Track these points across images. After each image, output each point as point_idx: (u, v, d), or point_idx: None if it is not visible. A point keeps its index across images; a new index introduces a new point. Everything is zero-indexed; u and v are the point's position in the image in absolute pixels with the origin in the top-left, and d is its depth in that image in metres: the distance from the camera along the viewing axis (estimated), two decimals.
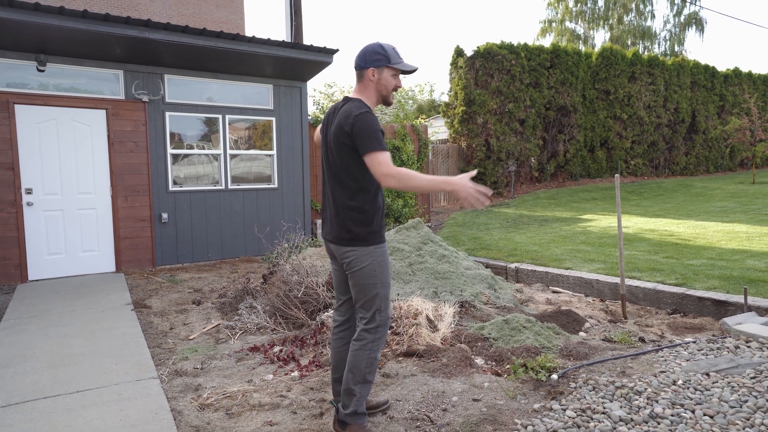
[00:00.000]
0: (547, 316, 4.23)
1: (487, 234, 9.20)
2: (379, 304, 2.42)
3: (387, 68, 2.40)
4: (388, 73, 2.41)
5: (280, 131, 7.99)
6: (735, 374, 3.03)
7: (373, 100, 2.45)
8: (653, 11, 33.54)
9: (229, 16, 12.58)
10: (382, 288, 2.42)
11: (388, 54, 2.40)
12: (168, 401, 2.92)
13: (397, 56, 2.43)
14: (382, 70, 2.40)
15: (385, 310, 2.45)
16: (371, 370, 2.43)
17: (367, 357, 2.41)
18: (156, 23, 5.98)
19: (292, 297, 4.30)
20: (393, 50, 2.43)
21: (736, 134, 17.58)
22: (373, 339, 2.43)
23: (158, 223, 7.03)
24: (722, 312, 4.41)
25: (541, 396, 2.84)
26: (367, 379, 2.42)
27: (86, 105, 6.50)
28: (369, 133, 2.24)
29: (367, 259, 2.39)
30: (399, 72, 2.44)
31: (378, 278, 2.41)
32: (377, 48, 2.40)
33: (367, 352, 2.41)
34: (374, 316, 2.43)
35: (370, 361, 2.42)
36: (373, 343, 2.43)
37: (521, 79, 15.58)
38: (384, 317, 2.44)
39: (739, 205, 11.42)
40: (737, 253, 6.25)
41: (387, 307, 2.46)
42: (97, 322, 4.51)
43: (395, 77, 2.44)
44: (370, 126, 2.25)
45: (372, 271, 2.40)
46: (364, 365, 2.41)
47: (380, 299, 2.42)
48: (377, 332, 2.44)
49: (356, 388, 2.41)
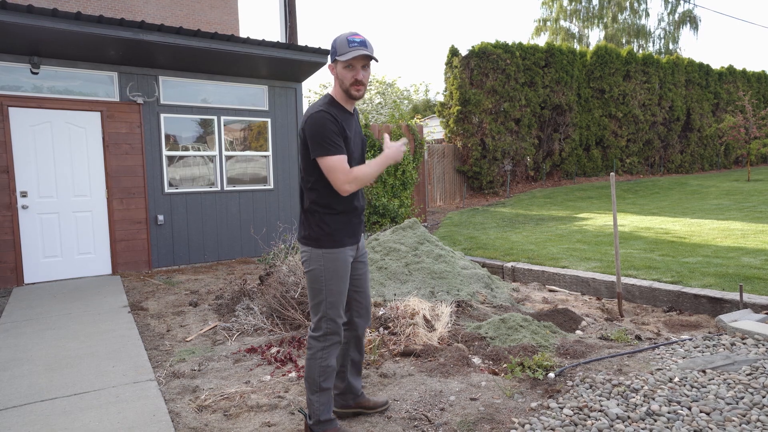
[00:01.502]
0: (543, 315, 4.24)
1: (484, 233, 9.21)
2: (325, 311, 2.33)
3: (338, 62, 2.28)
4: (341, 66, 2.28)
5: (276, 132, 7.98)
6: (731, 371, 3.04)
7: (339, 95, 2.35)
8: (647, 9, 33.73)
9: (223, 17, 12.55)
10: (328, 295, 2.32)
11: (336, 46, 2.28)
12: (166, 403, 2.91)
13: (345, 46, 2.23)
14: (336, 65, 2.30)
15: (332, 320, 2.34)
16: (326, 378, 2.35)
17: (318, 366, 2.34)
18: (150, 25, 5.97)
19: (288, 298, 4.30)
20: (343, 40, 2.25)
21: (730, 132, 17.66)
22: (321, 347, 2.35)
23: (154, 225, 7.01)
24: (718, 309, 4.43)
25: (539, 394, 2.85)
26: (322, 387, 2.35)
27: (81, 107, 6.47)
28: (320, 137, 2.19)
29: (314, 262, 2.32)
30: (349, 63, 2.26)
31: (324, 284, 2.31)
32: (334, 42, 2.30)
33: (317, 361, 2.34)
34: (319, 323, 2.35)
35: (322, 369, 2.34)
36: (322, 352, 2.35)
37: (516, 78, 15.62)
38: (332, 326, 2.34)
39: (735, 203, 11.47)
40: (733, 251, 6.28)
41: (336, 315, 2.35)
42: (94, 324, 4.50)
43: (350, 69, 2.27)
44: (320, 127, 2.19)
45: (318, 275, 2.32)
46: (316, 374, 2.34)
47: (326, 306, 2.33)
48: (325, 340, 2.35)
49: (314, 397, 2.36)
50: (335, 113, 2.28)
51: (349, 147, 2.33)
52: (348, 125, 2.35)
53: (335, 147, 2.21)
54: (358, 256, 2.51)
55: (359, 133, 2.48)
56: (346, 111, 2.37)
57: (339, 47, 2.26)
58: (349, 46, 2.23)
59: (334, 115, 2.27)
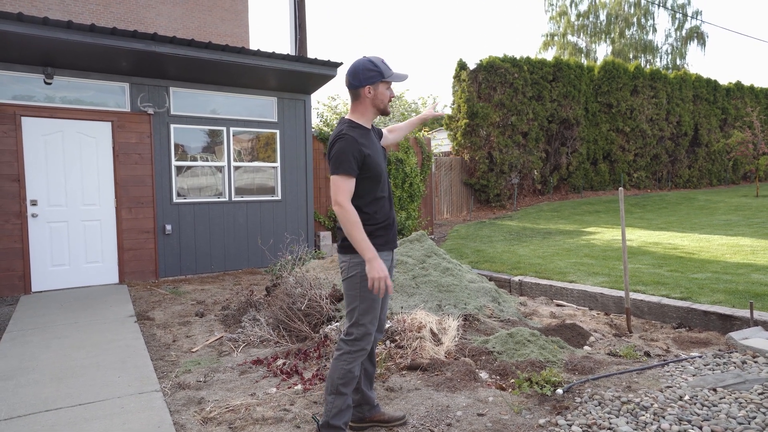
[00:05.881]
0: (551, 330, 4.20)
1: (491, 246, 9.18)
2: (358, 317, 2.41)
3: (381, 83, 2.44)
4: (383, 87, 2.45)
5: (284, 143, 8.03)
6: (742, 390, 3.00)
7: (369, 116, 2.49)
8: (654, 25, 33.77)
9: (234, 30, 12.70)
10: (362, 302, 2.40)
11: (380, 69, 2.43)
12: (171, 415, 2.90)
13: (388, 69, 2.46)
14: (377, 86, 2.43)
15: (363, 325, 2.42)
16: (345, 383, 2.40)
17: (341, 368, 2.41)
18: (162, 37, 6.05)
19: (295, 309, 4.29)
20: (383, 63, 2.46)
21: (738, 147, 17.58)
22: (348, 350, 2.42)
23: (162, 234, 7.04)
24: (728, 326, 4.38)
25: (547, 411, 2.82)
26: (340, 391, 2.41)
27: (92, 117, 6.55)
28: (337, 157, 2.33)
29: (353, 269, 2.41)
30: (390, 83, 2.48)
31: (359, 290, 2.40)
32: (368, 65, 2.42)
33: (341, 363, 2.41)
34: (351, 328, 2.43)
35: (344, 373, 2.40)
36: (349, 355, 2.41)
37: (524, 92, 15.66)
38: (361, 332, 2.42)
39: (743, 219, 11.38)
40: (742, 267, 6.21)
41: (368, 322, 2.42)
42: (100, 334, 4.50)
43: (389, 89, 2.48)
44: (340, 150, 2.33)
45: (355, 282, 2.41)
46: (337, 376, 2.40)
47: (358, 313, 2.41)
48: (354, 345, 2.42)
49: (329, 398, 2.42)
50: (358, 135, 2.40)
51: (373, 161, 2.42)
52: (369, 141, 2.46)
53: (350, 169, 2.34)
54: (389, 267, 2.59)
55: (379, 146, 2.58)
56: (366, 129, 2.50)
57: (385, 71, 2.44)
58: (392, 70, 2.46)
59: (356, 136, 2.38)
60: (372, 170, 2.40)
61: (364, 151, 2.37)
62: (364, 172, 2.39)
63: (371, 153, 2.41)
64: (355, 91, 2.46)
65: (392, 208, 2.59)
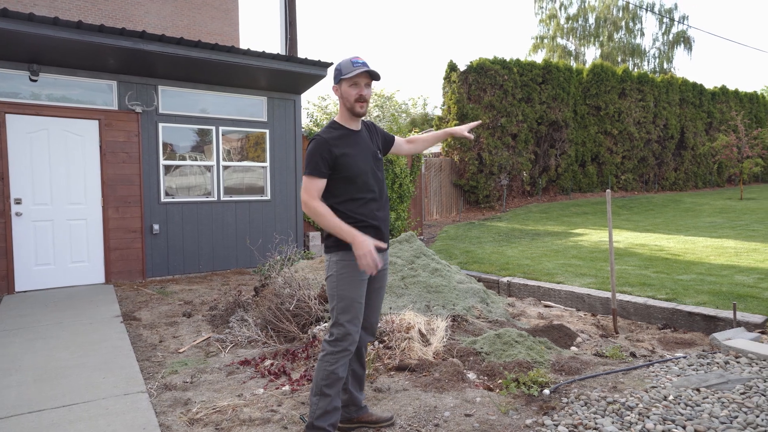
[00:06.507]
0: (539, 331, 4.23)
1: (480, 247, 9.22)
2: (336, 316, 2.42)
3: (343, 81, 2.45)
4: (346, 85, 2.45)
5: (274, 143, 8.00)
6: (725, 390, 3.04)
7: (345, 115, 2.51)
8: (642, 29, 34.17)
9: (224, 28, 12.64)
10: (339, 300, 2.41)
11: (341, 68, 2.46)
12: (156, 416, 2.88)
13: (350, 66, 2.42)
14: (341, 84, 2.47)
15: (342, 325, 2.40)
16: (329, 384, 2.39)
17: (324, 369, 2.40)
18: (151, 35, 6.00)
19: (283, 310, 4.27)
20: (348, 62, 2.44)
21: (723, 151, 17.84)
22: (330, 351, 2.41)
23: (149, 234, 6.98)
24: (712, 327, 4.44)
25: (533, 411, 2.84)
26: (323, 392, 2.40)
27: (78, 115, 6.47)
28: (307, 158, 2.42)
29: (331, 268, 2.45)
30: (353, 81, 2.42)
31: (336, 289, 2.42)
32: (336, 66, 2.49)
33: (324, 364, 2.41)
34: (332, 328, 2.44)
35: (326, 374, 2.39)
36: (331, 356, 2.40)
37: (513, 94, 15.75)
38: (341, 332, 2.40)
39: (728, 221, 11.55)
40: (726, 269, 6.30)
41: (346, 321, 2.41)
42: (85, 334, 4.45)
43: (354, 87, 2.43)
44: (309, 152, 2.41)
45: (332, 281, 2.44)
46: (320, 377, 2.40)
47: (337, 312, 2.42)
48: (335, 345, 2.41)
49: (313, 399, 2.42)
50: (335, 137, 2.43)
51: (349, 162, 2.43)
52: (350, 143, 2.46)
53: (316, 170, 2.38)
54: None
55: (368, 147, 2.55)
56: (349, 130, 2.50)
57: (344, 68, 2.44)
58: (353, 66, 2.42)
59: (330, 139, 2.41)
60: (346, 170, 2.41)
61: (335, 151, 2.38)
62: (338, 172, 2.41)
63: (348, 153, 2.41)
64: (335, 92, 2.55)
65: (382, 209, 2.54)
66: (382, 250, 2.53)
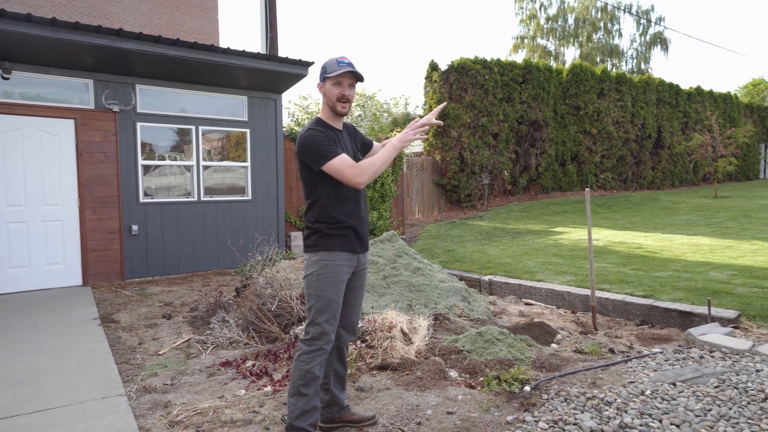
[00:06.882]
0: (519, 328, 4.28)
1: (461, 246, 9.28)
2: (314, 316, 2.42)
3: (327, 79, 2.46)
4: (329, 84, 2.46)
5: (255, 143, 7.94)
6: (700, 384, 3.11)
7: (328, 114, 2.52)
8: (621, 30, 34.72)
9: (203, 27, 12.49)
10: (317, 300, 2.41)
11: (326, 66, 2.48)
12: (136, 419, 2.84)
13: (335, 65, 2.43)
14: (325, 83, 2.48)
15: (318, 325, 2.40)
16: (305, 384, 2.38)
17: (300, 369, 2.39)
18: (128, 33, 5.91)
19: (265, 310, 4.24)
20: (333, 61, 2.45)
21: (699, 150, 18.23)
22: (306, 350, 2.41)
23: (128, 235, 6.87)
24: (688, 323, 4.54)
25: (515, 408, 2.87)
26: (300, 392, 2.39)
27: (54, 114, 6.34)
28: (314, 150, 2.36)
29: (309, 267, 2.45)
30: (337, 80, 2.44)
31: (315, 289, 2.42)
32: (323, 65, 2.50)
33: (300, 364, 2.40)
34: (308, 327, 2.44)
35: (302, 373, 2.38)
36: (306, 355, 2.40)
37: (494, 93, 15.88)
38: (317, 331, 2.40)
39: (703, 219, 11.81)
40: (701, 265, 6.45)
41: (323, 321, 2.41)
42: (62, 337, 4.36)
43: (337, 86, 2.44)
44: (311, 142, 2.36)
45: (311, 280, 2.43)
46: (297, 377, 2.40)
47: (314, 311, 2.42)
48: (311, 344, 2.41)
49: (291, 399, 2.41)
50: (322, 129, 2.43)
51: None
52: (336, 141, 2.45)
53: (332, 151, 2.35)
54: (357, 269, 2.58)
55: (349, 148, 2.56)
56: (334, 129, 2.51)
57: (329, 67, 2.45)
58: (338, 66, 2.43)
59: (322, 129, 2.42)
60: None
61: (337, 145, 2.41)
62: None
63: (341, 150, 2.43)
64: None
65: (362, 210, 2.56)
66: (362, 251, 2.55)
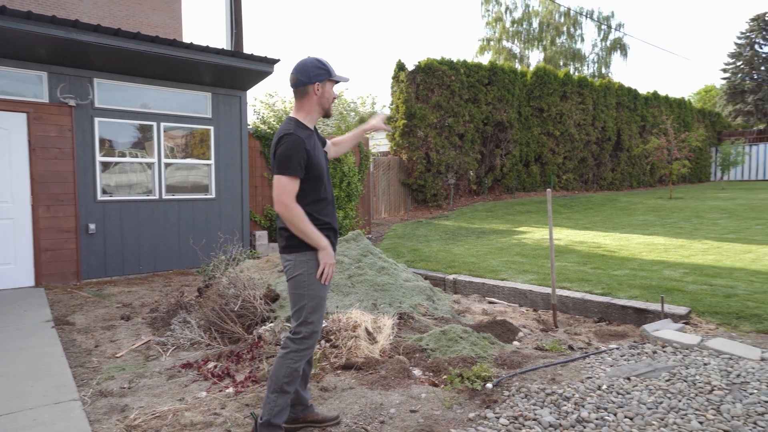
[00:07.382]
0: (482, 327, 4.35)
1: (427, 246, 9.35)
2: (306, 315, 2.43)
3: (329, 81, 2.47)
4: (330, 86, 2.49)
5: (219, 140, 7.79)
6: (652, 378, 3.24)
7: (314, 115, 2.50)
8: (582, 35, 35.62)
9: (166, 21, 12.17)
10: (309, 300, 2.42)
11: (328, 68, 2.48)
12: (90, 424, 2.75)
13: (333, 69, 2.52)
14: (324, 84, 2.46)
15: (311, 324, 2.44)
16: (290, 381, 2.42)
17: (288, 366, 2.41)
18: (85, 24, 5.71)
19: (228, 311, 4.18)
20: (330, 65, 2.51)
21: (655, 153, 18.91)
22: (296, 349, 2.43)
23: (85, 234, 6.64)
24: (643, 319, 4.71)
25: (477, 405, 2.91)
26: (284, 389, 2.41)
27: (4, 107, 6.06)
28: (284, 157, 2.33)
29: (299, 267, 2.42)
30: (334, 83, 2.53)
31: (306, 289, 2.42)
32: (317, 63, 2.46)
33: (288, 361, 2.42)
34: (299, 327, 2.44)
35: (290, 371, 2.41)
36: (296, 354, 2.42)
37: (460, 94, 16.06)
38: (309, 330, 2.44)
39: (658, 219, 12.26)
40: (656, 264, 6.70)
41: (316, 320, 2.45)
42: (12, 341, 4.18)
43: (333, 90, 2.52)
44: (287, 150, 2.32)
45: (301, 280, 2.42)
46: (282, 374, 2.41)
47: (306, 311, 2.43)
48: (302, 343, 2.44)
49: (272, 396, 2.42)
50: (305, 136, 2.39)
51: (314, 162, 2.41)
52: (313, 142, 2.45)
53: (296, 171, 2.34)
54: None
55: (321, 147, 2.58)
56: (311, 130, 2.50)
57: (331, 69, 2.48)
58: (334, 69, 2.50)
59: (305, 138, 2.39)
60: (314, 171, 2.41)
61: (309, 150, 2.38)
62: (309, 172, 2.40)
63: (314, 154, 2.42)
64: (303, 89, 2.46)
65: (335, 212, 2.59)
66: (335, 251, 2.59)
